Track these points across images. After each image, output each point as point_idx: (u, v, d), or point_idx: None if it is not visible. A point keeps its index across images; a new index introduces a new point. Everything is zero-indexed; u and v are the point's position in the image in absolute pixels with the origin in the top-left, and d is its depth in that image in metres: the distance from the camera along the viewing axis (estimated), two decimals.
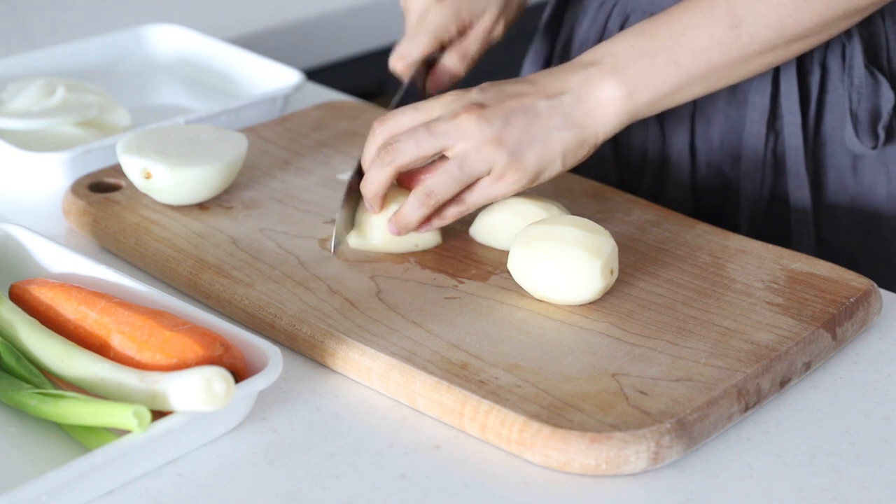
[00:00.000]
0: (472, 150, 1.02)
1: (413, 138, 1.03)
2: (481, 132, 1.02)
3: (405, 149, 1.03)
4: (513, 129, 1.02)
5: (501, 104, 1.03)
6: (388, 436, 0.91)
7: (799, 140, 1.20)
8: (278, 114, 1.36)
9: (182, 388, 0.85)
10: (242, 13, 1.69)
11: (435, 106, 1.04)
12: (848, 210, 1.21)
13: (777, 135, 1.21)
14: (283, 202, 1.16)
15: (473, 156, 1.02)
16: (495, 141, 1.02)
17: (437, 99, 1.05)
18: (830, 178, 1.21)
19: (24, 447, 0.89)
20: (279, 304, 1.00)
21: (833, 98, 1.19)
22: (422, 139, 1.03)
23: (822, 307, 1.00)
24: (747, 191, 1.23)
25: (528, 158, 1.03)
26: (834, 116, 1.19)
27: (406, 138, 1.03)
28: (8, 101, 1.32)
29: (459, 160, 1.03)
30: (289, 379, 0.96)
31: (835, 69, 1.18)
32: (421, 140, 1.03)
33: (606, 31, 1.27)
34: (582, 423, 0.88)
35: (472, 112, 1.02)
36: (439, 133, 1.03)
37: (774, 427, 0.92)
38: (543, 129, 1.03)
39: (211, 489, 0.86)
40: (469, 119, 1.02)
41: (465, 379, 0.92)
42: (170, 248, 1.08)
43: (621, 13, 1.26)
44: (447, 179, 1.03)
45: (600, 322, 0.99)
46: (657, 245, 1.09)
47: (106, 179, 1.18)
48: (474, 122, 1.02)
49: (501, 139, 1.02)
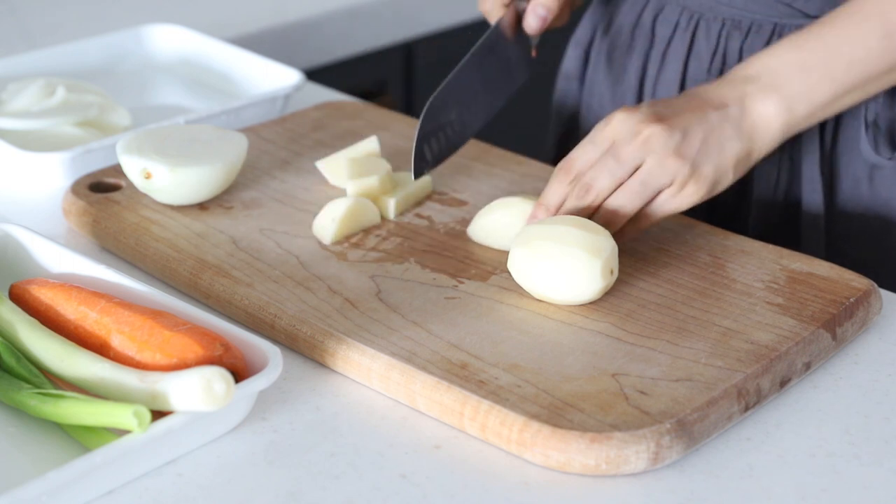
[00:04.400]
0: (656, 164, 1.02)
1: (605, 170, 1.02)
2: (665, 144, 1.02)
3: (601, 184, 1.03)
4: (693, 140, 1.03)
5: (677, 116, 1.03)
6: (388, 436, 0.91)
7: (816, 145, 1.20)
8: (278, 114, 1.36)
9: (182, 388, 0.85)
10: (242, 13, 1.69)
11: (609, 132, 1.03)
12: (861, 218, 1.21)
13: (794, 139, 1.21)
14: (283, 202, 1.16)
15: (656, 170, 1.02)
16: (677, 153, 1.02)
17: (606, 124, 1.04)
18: (846, 186, 1.21)
19: (24, 447, 0.89)
20: (279, 304, 1.00)
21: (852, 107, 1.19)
22: (614, 169, 1.02)
23: (822, 307, 1.00)
24: (760, 192, 1.23)
25: (707, 169, 1.03)
26: (853, 125, 1.20)
27: (598, 173, 1.03)
28: (8, 101, 1.32)
29: (643, 176, 1.02)
30: (289, 379, 0.96)
31: None
32: (613, 169, 1.02)
33: (640, 22, 1.28)
34: (582, 423, 0.88)
35: (654, 124, 1.02)
36: (628, 157, 1.02)
37: (774, 427, 0.92)
38: (719, 140, 1.04)
39: (211, 489, 0.86)
40: (653, 132, 1.02)
41: (465, 379, 0.92)
42: (170, 248, 1.08)
43: (656, 5, 1.27)
44: (632, 197, 1.03)
45: (600, 322, 0.99)
46: (657, 245, 1.09)
47: (106, 179, 1.18)
48: (658, 134, 1.02)
49: (683, 151, 1.02)
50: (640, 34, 1.28)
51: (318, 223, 1.10)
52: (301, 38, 1.68)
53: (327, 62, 1.72)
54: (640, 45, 1.28)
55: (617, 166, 1.02)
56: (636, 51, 1.29)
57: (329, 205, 1.11)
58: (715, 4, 1.22)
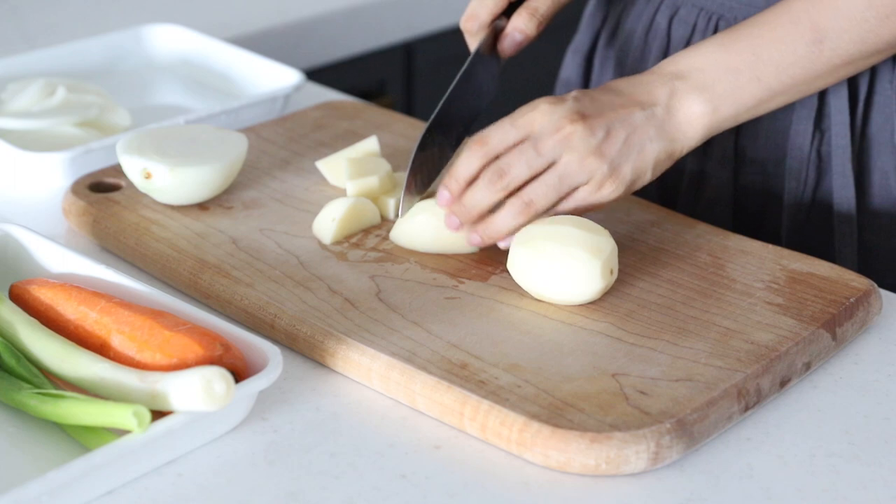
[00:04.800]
0: (576, 161, 1.02)
1: (523, 159, 1.02)
2: (586, 143, 1.02)
3: (517, 173, 1.02)
4: (614, 141, 1.03)
5: (602, 115, 1.03)
6: (388, 436, 0.91)
7: (846, 139, 1.19)
8: (278, 114, 1.36)
9: (182, 388, 0.85)
10: (242, 13, 1.69)
11: (532, 118, 1.03)
12: (891, 213, 1.21)
13: (823, 134, 1.20)
14: (283, 202, 1.16)
15: (575, 166, 1.02)
16: (598, 152, 1.02)
17: (531, 110, 1.04)
18: (875, 180, 1.21)
19: (24, 447, 0.89)
20: (279, 304, 1.00)
21: (881, 99, 1.19)
22: (531, 159, 1.02)
23: (822, 307, 1.00)
24: (791, 190, 1.22)
25: (625, 169, 1.03)
26: (881, 117, 1.19)
27: (516, 161, 1.02)
28: (8, 101, 1.32)
29: (561, 170, 1.02)
30: (289, 379, 0.96)
31: (884, 70, 1.18)
32: (531, 160, 1.02)
33: (654, 25, 1.27)
34: (582, 423, 0.88)
35: (577, 123, 1.02)
36: (547, 150, 1.02)
37: (774, 427, 0.92)
38: (640, 141, 1.04)
39: (211, 489, 0.86)
40: (575, 130, 1.02)
41: (465, 379, 0.92)
42: (170, 248, 1.08)
43: (671, 6, 1.26)
44: (547, 190, 1.03)
45: (600, 322, 0.99)
46: (657, 245, 1.09)
47: (106, 179, 1.18)
48: (580, 133, 1.02)
49: (604, 150, 1.02)
50: (655, 38, 1.27)
51: (318, 223, 1.10)
52: (301, 38, 1.68)
53: (327, 62, 1.72)
54: (656, 48, 1.27)
55: (535, 157, 1.02)
56: (652, 55, 1.28)
57: (329, 205, 1.11)
58: (735, 4, 1.21)
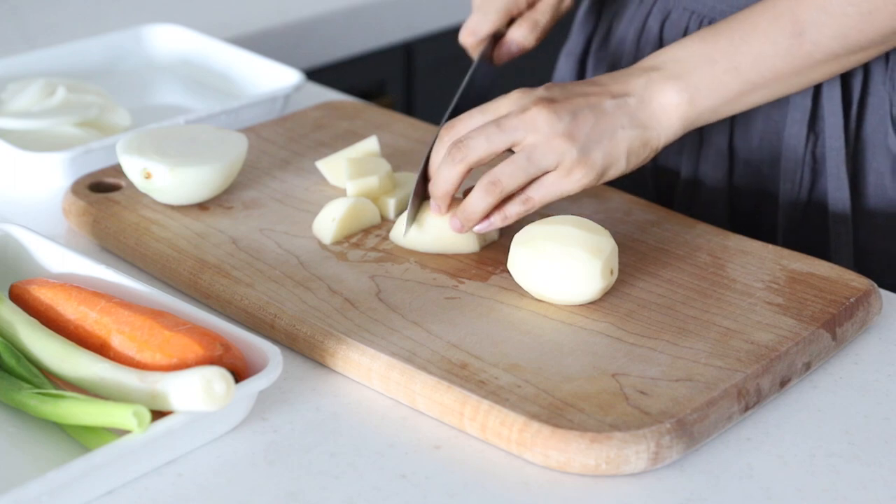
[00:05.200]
0: (542, 142, 1.02)
1: (483, 134, 1.02)
2: (551, 126, 1.02)
3: (475, 145, 1.02)
4: (582, 125, 1.02)
5: (569, 100, 1.03)
6: (388, 436, 0.91)
7: (840, 141, 1.19)
8: (278, 114, 1.36)
9: (182, 388, 0.85)
10: (242, 13, 1.69)
11: (501, 105, 1.04)
12: (886, 213, 1.20)
13: (817, 136, 1.20)
14: (283, 202, 1.16)
15: (543, 148, 1.02)
16: (565, 135, 1.02)
17: (502, 98, 1.05)
18: (870, 181, 1.20)
19: (24, 447, 0.89)
20: (279, 304, 1.00)
21: (875, 101, 1.19)
22: (492, 134, 1.02)
23: (822, 307, 1.00)
24: (785, 192, 1.22)
25: (596, 155, 1.03)
26: (875, 119, 1.19)
27: (476, 135, 1.03)
28: (8, 101, 1.32)
29: (528, 151, 1.02)
30: (289, 379, 0.96)
31: (878, 72, 1.18)
32: (491, 135, 1.02)
33: (646, 29, 1.26)
34: (582, 423, 0.88)
35: (542, 106, 1.02)
36: (509, 127, 1.02)
37: (774, 427, 0.92)
38: (610, 127, 1.03)
39: (211, 489, 0.86)
40: (539, 112, 1.02)
41: (465, 379, 0.92)
42: (170, 248, 1.08)
43: (662, 10, 1.26)
44: (514, 169, 1.02)
45: (600, 322, 0.99)
46: (657, 245, 1.09)
47: (106, 179, 1.18)
48: (544, 115, 1.02)
49: (571, 134, 1.02)
50: (647, 42, 1.27)
51: (318, 223, 1.10)
52: (301, 38, 1.68)
53: (327, 62, 1.72)
54: (648, 52, 1.27)
55: (496, 132, 1.02)
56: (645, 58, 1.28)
57: (329, 205, 1.11)
58: (726, 7, 1.21)
